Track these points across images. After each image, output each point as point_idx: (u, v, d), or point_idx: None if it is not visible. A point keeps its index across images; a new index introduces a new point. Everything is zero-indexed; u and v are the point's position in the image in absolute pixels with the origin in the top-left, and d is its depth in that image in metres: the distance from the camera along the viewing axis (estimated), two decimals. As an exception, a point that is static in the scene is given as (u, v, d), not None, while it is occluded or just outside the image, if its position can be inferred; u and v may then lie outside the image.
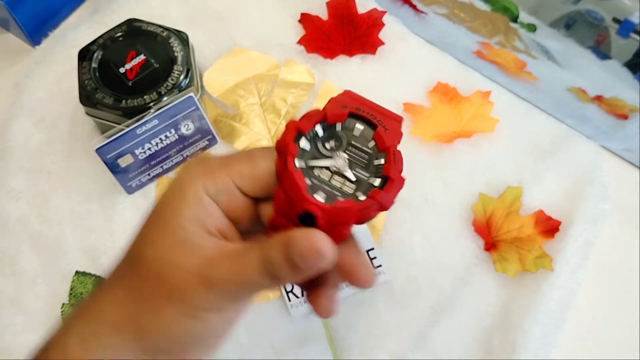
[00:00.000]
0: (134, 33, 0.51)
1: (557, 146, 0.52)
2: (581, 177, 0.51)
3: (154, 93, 0.48)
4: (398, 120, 0.29)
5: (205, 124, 0.49)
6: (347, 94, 0.30)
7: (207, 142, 0.51)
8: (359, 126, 0.29)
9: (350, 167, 0.28)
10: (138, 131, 0.47)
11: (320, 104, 0.53)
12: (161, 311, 0.26)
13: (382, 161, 0.28)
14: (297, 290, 0.46)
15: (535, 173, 0.51)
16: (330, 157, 0.28)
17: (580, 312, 0.46)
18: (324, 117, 0.28)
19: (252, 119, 0.52)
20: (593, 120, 0.52)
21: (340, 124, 0.29)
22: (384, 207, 0.26)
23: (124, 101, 0.48)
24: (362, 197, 0.27)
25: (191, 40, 0.52)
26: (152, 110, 0.48)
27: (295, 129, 0.27)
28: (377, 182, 0.27)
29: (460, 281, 0.47)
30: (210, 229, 0.27)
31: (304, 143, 0.27)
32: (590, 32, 0.47)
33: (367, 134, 0.28)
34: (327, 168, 0.28)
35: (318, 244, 0.25)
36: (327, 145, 0.28)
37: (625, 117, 0.50)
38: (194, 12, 0.57)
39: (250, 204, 0.29)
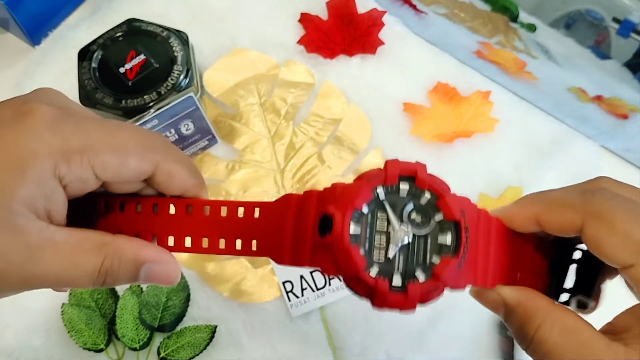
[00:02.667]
0: (134, 33, 0.51)
1: (557, 146, 0.52)
2: (581, 177, 0.50)
3: (154, 93, 0.48)
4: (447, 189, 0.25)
5: (205, 124, 0.49)
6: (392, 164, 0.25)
7: (207, 142, 0.51)
8: (425, 194, 0.24)
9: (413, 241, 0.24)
10: (138, 131, 0.47)
11: (320, 104, 0.53)
12: None
13: (448, 236, 0.24)
14: (297, 290, 0.46)
15: (535, 173, 0.51)
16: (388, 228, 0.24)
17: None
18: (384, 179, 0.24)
19: (252, 119, 0.52)
20: (593, 120, 0.52)
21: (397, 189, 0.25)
22: (453, 288, 0.24)
23: (123, 101, 0.48)
24: (421, 278, 0.23)
25: (191, 40, 0.52)
26: (152, 110, 0.48)
27: (351, 207, 0.23)
28: (437, 259, 0.24)
29: (460, 281, 0.47)
30: (39, 211, 0.23)
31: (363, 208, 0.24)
32: (590, 32, 0.47)
33: (430, 201, 0.24)
34: (382, 236, 0.24)
35: (174, 274, 0.25)
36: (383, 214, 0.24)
37: (625, 117, 0.50)
38: (194, 12, 0.57)
39: (102, 185, 0.25)
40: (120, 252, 0.24)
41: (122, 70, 0.49)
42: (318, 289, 0.46)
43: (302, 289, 0.46)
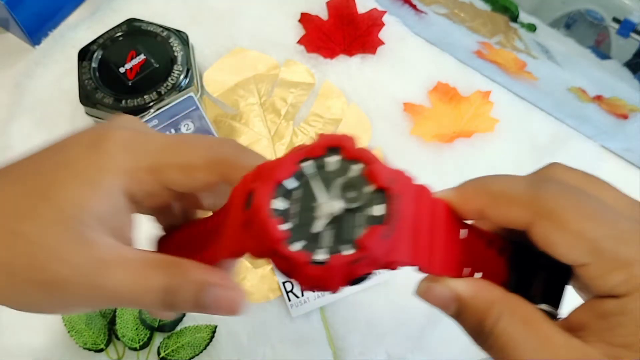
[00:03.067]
0: (134, 33, 0.51)
1: (557, 146, 0.52)
2: (581, 177, 0.51)
3: (154, 93, 0.48)
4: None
5: (205, 124, 0.49)
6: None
7: (207, 142, 0.51)
8: (352, 166, 0.23)
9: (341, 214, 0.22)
10: (138, 131, 0.47)
11: (320, 104, 0.53)
12: (31, 297, 0.24)
13: (382, 206, 0.22)
14: (297, 290, 0.46)
15: (535, 173, 0.51)
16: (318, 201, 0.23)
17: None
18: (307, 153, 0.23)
19: (252, 119, 0.52)
20: (593, 120, 0.52)
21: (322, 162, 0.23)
22: (381, 260, 0.21)
23: (124, 101, 0.48)
24: (347, 252, 0.21)
25: (191, 40, 0.52)
26: (152, 110, 0.48)
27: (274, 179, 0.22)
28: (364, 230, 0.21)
29: (460, 281, 0.47)
30: (110, 229, 0.24)
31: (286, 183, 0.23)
32: (590, 32, 0.47)
33: (360, 172, 0.23)
34: (311, 212, 0.22)
35: (239, 302, 0.24)
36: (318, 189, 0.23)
37: (625, 117, 0.50)
38: (194, 12, 0.57)
39: (175, 196, 0.26)
40: (186, 272, 0.24)
41: (122, 70, 0.49)
42: (318, 289, 0.46)
43: (302, 289, 0.46)
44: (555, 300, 0.25)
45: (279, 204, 0.22)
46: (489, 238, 0.25)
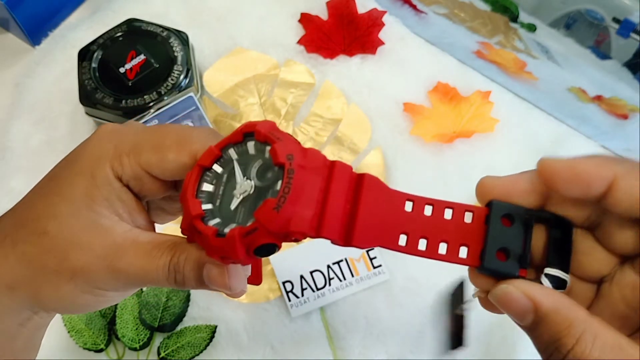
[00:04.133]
0: (134, 33, 0.51)
1: (557, 146, 0.52)
2: (581, 177, 0.51)
3: (154, 93, 0.48)
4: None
5: (205, 124, 0.49)
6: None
7: (207, 142, 0.51)
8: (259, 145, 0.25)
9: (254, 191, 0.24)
10: (138, 131, 0.47)
11: (320, 104, 0.53)
12: (62, 287, 0.26)
13: (279, 182, 0.23)
14: (297, 290, 0.46)
15: (535, 173, 0.51)
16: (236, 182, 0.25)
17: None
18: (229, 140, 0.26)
19: (252, 119, 0.52)
20: (593, 120, 0.52)
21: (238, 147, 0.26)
22: (272, 230, 0.22)
23: (124, 101, 0.48)
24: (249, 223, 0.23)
25: (191, 40, 0.52)
26: (152, 110, 0.48)
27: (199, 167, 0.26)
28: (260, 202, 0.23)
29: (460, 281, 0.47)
30: (121, 214, 0.27)
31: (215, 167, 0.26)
32: (590, 32, 0.47)
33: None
34: (232, 193, 0.25)
35: (235, 283, 0.26)
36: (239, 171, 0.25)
37: (625, 117, 0.50)
38: (194, 12, 0.57)
39: (162, 183, 0.28)
40: (187, 251, 0.26)
41: (122, 70, 0.49)
42: (318, 289, 0.46)
43: (302, 289, 0.46)
44: (563, 264, 0.24)
45: (207, 187, 0.25)
46: (453, 207, 0.26)
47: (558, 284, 0.24)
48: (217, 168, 0.26)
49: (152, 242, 0.27)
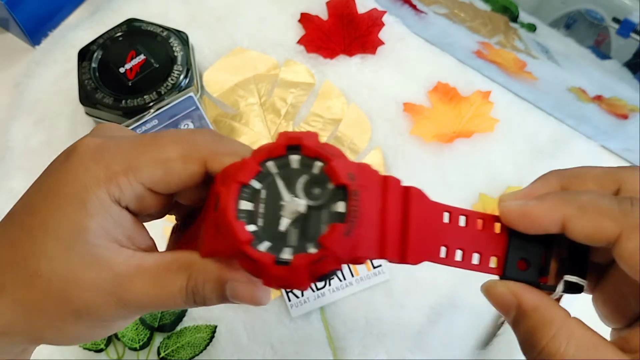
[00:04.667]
0: (134, 33, 0.51)
1: (557, 146, 0.52)
2: (581, 177, 0.51)
3: (154, 93, 0.48)
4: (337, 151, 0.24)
5: (205, 124, 0.49)
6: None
7: (207, 142, 0.51)
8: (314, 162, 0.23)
9: (306, 212, 0.23)
10: (138, 131, 0.47)
11: (320, 104, 0.53)
12: (66, 328, 0.24)
13: (343, 203, 0.22)
14: (297, 290, 0.46)
15: (535, 173, 0.50)
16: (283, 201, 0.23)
17: (580, 312, 0.46)
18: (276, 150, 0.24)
19: (252, 119, 0.52)
20: (593, 120, 0.52)
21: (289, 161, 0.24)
22: (342, 256, 0.21)
23: (123, 101, 0.48)
24: (311, 250, 0.22)
25: (191, 40, 0.52)
26: (152, 110, 0.48)
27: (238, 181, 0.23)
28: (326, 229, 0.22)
29: (460, 281, 0.47)
30: (120, 239, 0.24)
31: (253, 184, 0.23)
32: (590, 32, 0.47)
33: (322, 169, 0.23)
34: (277, 211, 0.23)
35: (260, 294, 0.24)
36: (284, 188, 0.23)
37: (625, 117, 0.50)
38: (194, 12, 0.57)
39: (165, 197, 0.26)
40: (205, 270, 0.24)
41: (122, 70, 0.49)
42: (318, 289, 0.46)
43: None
44: (581, 271, 0.25)
45: (245, 205, 0.23)
46: (483, 218, 0.26)
47: (575, 289, 0.25)
48: (254, 184, 0.23)
49: (159, 265, 0.24)
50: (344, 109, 0.53)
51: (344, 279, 0.46)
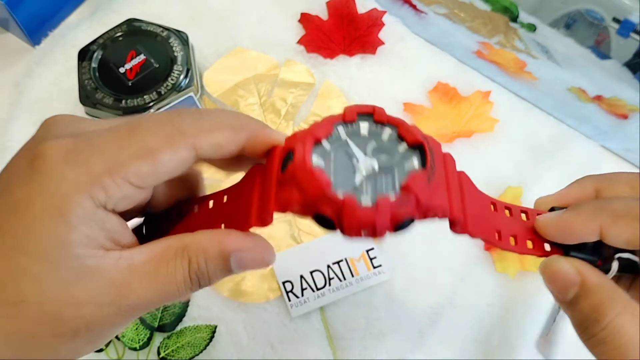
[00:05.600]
0: (134, 33, 0.51)
1: (557, 146, 0.52)
2: (581, 177, 0.51)
3: (154, 93, 0.48)
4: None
5: (205, 124, 0.49)
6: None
7: (207, 142, 0.51)
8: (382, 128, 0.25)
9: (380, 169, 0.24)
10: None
11: (320, 104, 0.53)
12: (61, 348, 0.22)
13: (414, 159, 0.24)
14: (297, 290, 0.46)
15: (535, 173, 0.51)
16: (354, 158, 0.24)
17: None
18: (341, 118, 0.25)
19: (252, 119, 0.52)
20: (593, 120, 0.52)
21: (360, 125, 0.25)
22: (424, 201, 0.22)
23: (123, 101, 0.48)
24: (392, 197, 0.22)
25: (191, 40, 0.52)
26: (152, 110, 0.48)
27: (313, 136, 0.23)
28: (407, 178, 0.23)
29: (460, 281, 0.47)
30: (105, 243, 0.22)
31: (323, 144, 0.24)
32: (590, 32, 0.47)
33: (392, 135, 0.25)
34: (348, 170, 0.23)
35: (268, 256, 0.24)
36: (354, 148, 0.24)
37: (625, 117, 0.50)
38: (194, 12, 0.57)
39: (151, 188, 0.24)
40: (204, 249, 0.23)
41: (122, 70, 0.49)
42: (318, 289, 0.46)
43: (302, 289, 0.46)
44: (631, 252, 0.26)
45: (318, 161, 0.23)
46: (526, 212, 0.28)
47: (629, 269, 0.25)
48: (325, 144, 0.24)
49: (153, 259, 0.23)
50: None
51: (344, 279, 0.46)
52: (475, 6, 0.53)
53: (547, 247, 0.26)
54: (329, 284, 0.46)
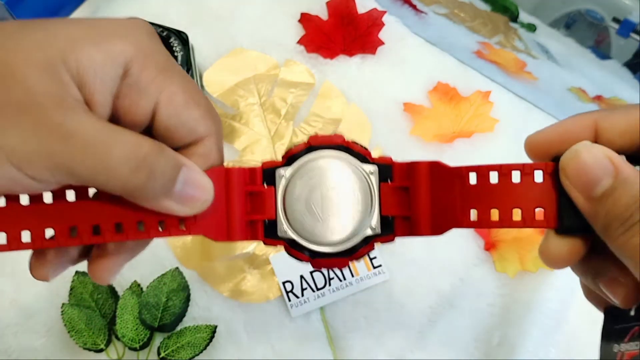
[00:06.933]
0: (134, 33, 0.51)
1: (557, 146, 0.52)
2: (581, 177, 0.51)
3: (154, 93, 0.48)
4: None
5: (205, 124, 0.49)
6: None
7: (207, 142, 0.51)
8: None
9: None
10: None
11: (320, 104, 0.53)
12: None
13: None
14: (297, 290, 0.46)
15: (535, 173, 0.51)
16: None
17: (580, 312, 0.46)
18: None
19: (252, 119, 0.52)
20: (593, 120, 0.52)
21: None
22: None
23: (124, 101, 0.48)
24: None
25: (191, 40, 0.52)
26: (152, 110, 0.48)
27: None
28: None
29: (460, 281, 0.47)
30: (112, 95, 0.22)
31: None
32: (590, 32, 0.47)
33: None
34: None
35: (210, 190, 0.23)
36: None
37: (625, 117, 0.50)
38: (194, 12, 0.57)
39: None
40: (163, 145, 0.22)
41: (122, 70, 0.49)
42: (318, 289, 0.46)
43: (302, 289, 0.46)
44: None
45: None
46: (521, 169, 0.24)
47: None
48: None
49: (118, 127, 0.21)
50: (344, 109, 0.53)
51: (344, 279, 0.46)
52: (475, 6, 0.53)
53: (540, 216, 0.23)
54: (329, 284, 0.46)
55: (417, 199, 0.25)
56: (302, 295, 0.46)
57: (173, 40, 0.50)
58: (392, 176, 0.25)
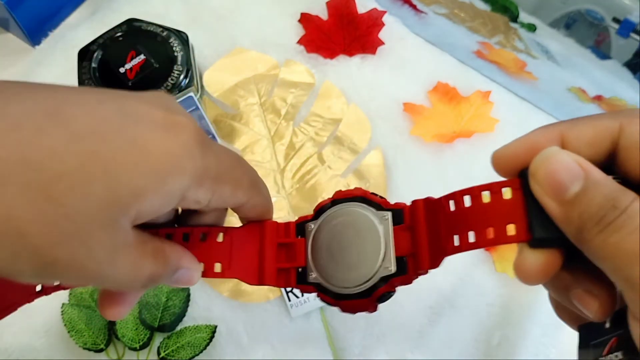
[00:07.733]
0: (134, 33, 0.51)
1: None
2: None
3: (154, 93, 0.48)
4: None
5: (205, 124, 0.49)
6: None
7: (207, 142, 0.51)
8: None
9: None
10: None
11: (320, 104, 0.53)
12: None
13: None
14: (297, 290, 0.46)
15: (535, 173, 0.51)
16: None
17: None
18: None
19: (252, 119, 0.52)
20: (593, 120, 0.52)
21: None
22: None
23: (124, 101, 0.48)
24: None
25: (191, 40, 0.52)
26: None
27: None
28: None
29: (460, 281, 0.47)
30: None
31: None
32: (590, 32, 0.47)
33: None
34: None
35: (197, 277, 0.27)
36: None
37: (625, 117, 0.50)
38: (194, 12, 0.57)
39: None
40: (168, 258, 0.25)
41: (122, 70, 0.49)
42: (318, 289, 0.46)
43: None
44: None
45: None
46: (489, 188, 0.25)
47: None
48: None
49: (139, 246, 0.23)
50: (344, 109, 0.53)
51: (344, 279, 0.46)
52: (475, 6, 0.53)
53: (512, 231, 0.23)
54: (329, 284, 0.46)
55: (417, 236, 0.26)
56: (302, 295, 0.46)
57: (173, 40, 0.50)
58: (404, 218, 0.27)
